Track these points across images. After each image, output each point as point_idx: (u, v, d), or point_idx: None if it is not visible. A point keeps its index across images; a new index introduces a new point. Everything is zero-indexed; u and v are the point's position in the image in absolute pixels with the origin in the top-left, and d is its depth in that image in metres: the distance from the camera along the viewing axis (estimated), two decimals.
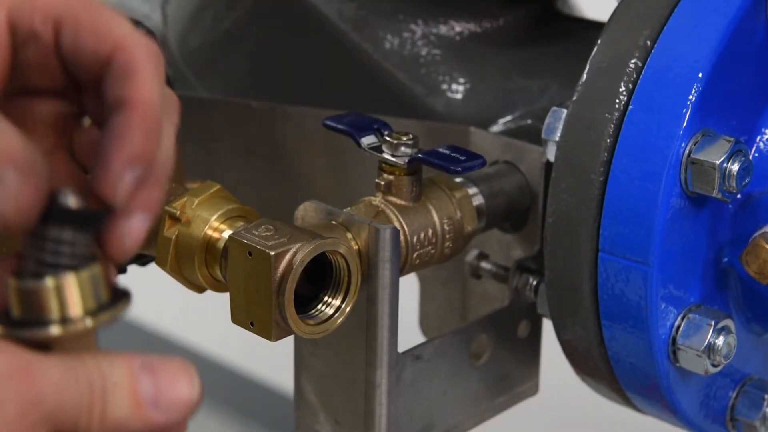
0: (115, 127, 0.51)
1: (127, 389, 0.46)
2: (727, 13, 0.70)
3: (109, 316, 0.49)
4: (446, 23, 0.92)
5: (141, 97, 0.52)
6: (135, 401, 0.46)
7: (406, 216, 0.75)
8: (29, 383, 0.44)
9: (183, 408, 0.47)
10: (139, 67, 0.53)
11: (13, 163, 0.48)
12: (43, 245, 0.50)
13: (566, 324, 0.76)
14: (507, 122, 0.89)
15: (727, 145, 0.68)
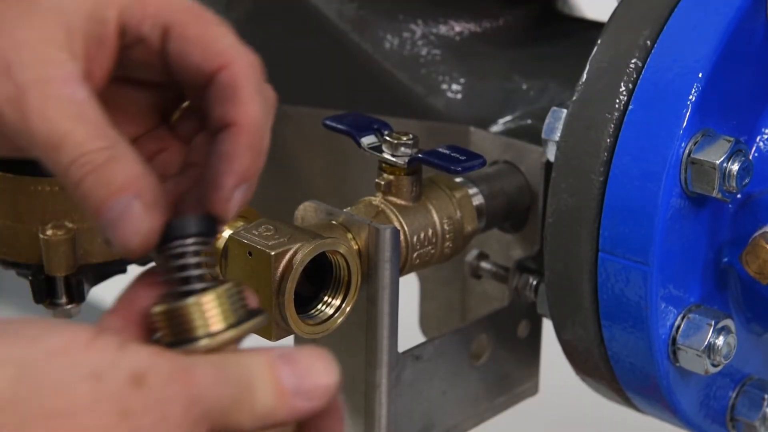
0: (224, 148, 0.54)
1: (270, 381, 0.49)
2: (727, 13, 0.70)
3: (250, 325, 0.52)
4: (446, 23, 0.92)
5: (247, 119, 0.55)
6: (279, 391, 0.49)
7: (406, 216, 0.75)
8: (190, 382, 0.47)
9: (324, 392, 0.50)
10: (244, 88, 0.55)
11: (137, 194, 0.51)
12: (171, 264, 0.53)
13: (566, 324, 0.76)
14: (507, 122, 0.89)
15: (727, 145, 0.68)
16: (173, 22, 0.55)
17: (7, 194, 0.79)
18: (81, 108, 0.52)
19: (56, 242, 0.78)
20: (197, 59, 0.55)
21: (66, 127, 0.51)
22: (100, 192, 0.51)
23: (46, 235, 0.78)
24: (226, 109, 0.55)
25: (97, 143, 0.51)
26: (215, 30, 0.55)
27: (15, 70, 0.51)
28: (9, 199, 0.79)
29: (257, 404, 0.49)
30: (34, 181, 0.78)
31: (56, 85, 0.51)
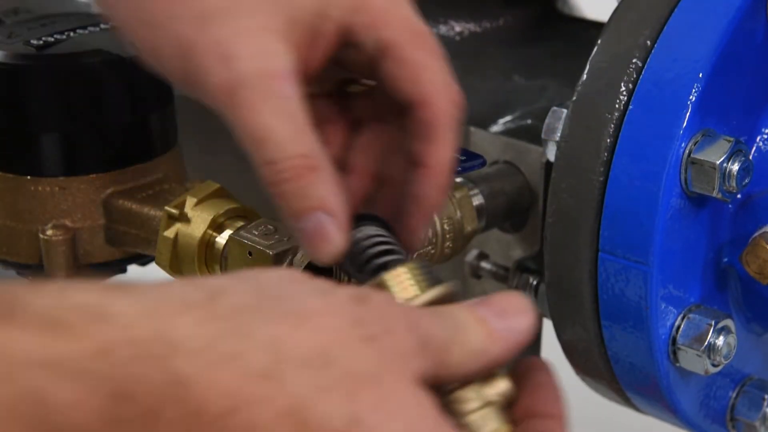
0: (415, 190, 0.59)
1: (477, 321, 0.51)
2: (727, 14, 0.70)
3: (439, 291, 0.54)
4: (446, 23, 0.92)
5: (439, 163, 0.59)
6: (487, 330, 0.51)
7: None
8: (408, 310, 0.50)
9: (526, 324, 0.53)
10: (441, 131, 0.58)
11: (332, 213, 0.55)
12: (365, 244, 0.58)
13: (566, 324, 0.76)
14: (507, 122, 0.89)
15: (727, 145, 0.68)
16: (395, 41, 0.57)
17: (7, 194, 0.79)
18: (290, 107, 0.54)
19: (56, 242, 0.78)
20: (405, 86, 0.58)
21: (272, 124, 0.54)
22: (297, 203, 0.55)
23: (46, 235, 0.78)
24: (422, 148, 0.59)
25: (299, 148, 0.54)
26: (431, 61, 0.58)
27: (235, 60, 0.53)
28: (9, 199, 0.79)
29: (471, 342, 0.51)
30: (34, 181, 0.78)
31: (271, 81, 0.54)
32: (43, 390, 0.41)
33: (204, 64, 0.55)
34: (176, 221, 0.74)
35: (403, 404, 0.46)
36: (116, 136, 0.79)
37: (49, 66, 0.77)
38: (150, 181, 0.81)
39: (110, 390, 0.42)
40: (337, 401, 0.45)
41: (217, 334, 0.44)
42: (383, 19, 0.57)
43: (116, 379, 0.42)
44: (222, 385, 0.44)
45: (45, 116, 0.77)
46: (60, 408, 0.41)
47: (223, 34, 0.54)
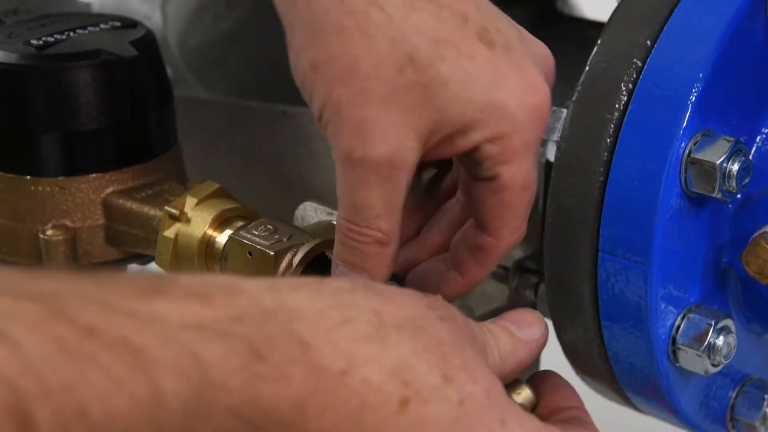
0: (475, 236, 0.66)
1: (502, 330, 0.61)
2: (727, 13, 0.69)
3: None
4: None
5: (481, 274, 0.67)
6: (510, 335, 0.61)
7: None
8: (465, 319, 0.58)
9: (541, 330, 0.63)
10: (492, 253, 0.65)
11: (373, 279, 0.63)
12: None
13: (566, 324, 0.76)
14: None
15: (727, 145, 0.68)
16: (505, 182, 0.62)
17: (7, 194, 0.79)
18: (396, 194, 0.61)
19: (56, 242, 0.78)
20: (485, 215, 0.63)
21: (374, 202, 0.61)
22: (356, 259, 0.62)
23: (46, 235, 0.78)
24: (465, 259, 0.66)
25: (384, 226, 0.61)
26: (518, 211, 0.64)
27: (373, 146, 0.59)
28: (9, 199, 0.79)
29: (501, 345, 0.60)
30: (34, 181, 0.78)
31: (392, 170, 0.60)
32: (197, 348, 0.47)
33: (344, 132, 0.60)
34: (176, 221, 0.74)
35: (482, 369, 0.55)
36: (116, 136, 0.79)
37: (49, 66, 0.77)
38: (150, 181, 0.81)
39: (247, 348, 0.48)
40: (432, 362, 0.53)
41: (327, 306, 0.52)
42: (509, 159, 0.62)
43: (251, 340, 0.48)
44: (338, 347, 0.51)
45: (45, 116, 0.77)
46: (211, 364, 0.47)
47: (373, 117, 0.59)
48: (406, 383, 0.52)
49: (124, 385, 0.45)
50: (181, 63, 1.03)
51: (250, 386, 0.48)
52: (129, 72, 0.79)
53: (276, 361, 0.49)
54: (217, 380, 0.47)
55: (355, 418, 0.51)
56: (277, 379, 0.49)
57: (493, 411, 0.54)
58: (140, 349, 0.46)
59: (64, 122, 0.78)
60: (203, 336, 0.48)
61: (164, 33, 1.04)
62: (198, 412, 0.47)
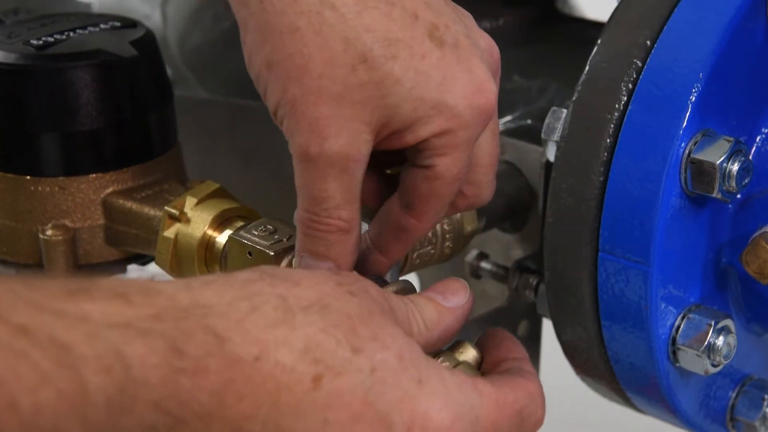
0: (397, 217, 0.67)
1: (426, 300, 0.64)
2: (727, 14, 0.70)
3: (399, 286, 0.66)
4: None
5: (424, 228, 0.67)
6: (435, 304, 0.64)
7: None
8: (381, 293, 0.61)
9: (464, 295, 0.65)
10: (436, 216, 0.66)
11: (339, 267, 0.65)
12: None
13: (566, 324, 0.76)
14: (507, 122, 0.89)
15: (726, 145, 0.68)
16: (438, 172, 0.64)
17: (7, 194, 0.79)
18: (353, 184, 0.63)
19: (56, 242, 0.78)
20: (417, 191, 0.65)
21: (333, 193, 0.63)
22: (320, 248, 0.64)
23: (46, 235, 0.78)
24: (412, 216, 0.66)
25: (343, 214, 0.63)
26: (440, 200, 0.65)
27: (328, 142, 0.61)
28: (9, 199, 0.79)
29: (425, 314, 0.63)
30: (34, 181, 0.78)
31: (348, 162, 0.62)
32: (121, 346, 0.50)
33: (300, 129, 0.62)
34: (176, 221, 0.74)
35: (393, 336, 0.57)
36: (116, 136, 0.79)
37: (49, 66, 0.77)
38: (150, 181, 0.81)
39: (167, 345, 0.51)
40: (341, 336, 0.55)
41: (236, 297, 0.55)
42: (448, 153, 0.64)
43: (170, 337, 0.51)
44: (250, 335, 0.53)
45: (45, 116, 0.77)
46: (134, 361, 0.50)
47: (327, 115, 0.61)
48: (316, 360, 0.54)
49: (51, 379, 0.48)
50: (181, 63, 1.03)
51: (170, 380, 0.51)
52: (129, 72, 0.79)
53: (194, 356, 0.52)
54: (138, 376, 0.50)
55: (272, 400, 0.53)
56: (196, 372, 0.51)
57: (408, 373, 0.56)
58: (68, 347, 0.49)
59: (64, 122, 0.78)
60: (126, 334, 0.51)
61: (164, 33, 1.04)
62: (121, 407, 0.50)
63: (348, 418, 0.55)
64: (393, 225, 0.67)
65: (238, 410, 0.53)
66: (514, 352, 0.67)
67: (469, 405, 0.59)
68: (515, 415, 0.61)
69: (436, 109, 0.62)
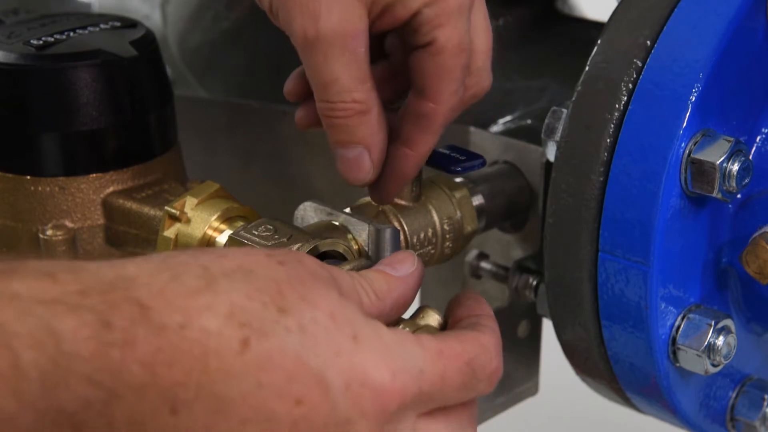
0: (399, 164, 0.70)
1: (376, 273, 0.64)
2: (727, 14, 0.70)
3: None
4: None
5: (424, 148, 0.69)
6: (384, 275, 0.64)
7: (406, 216, 0.75)
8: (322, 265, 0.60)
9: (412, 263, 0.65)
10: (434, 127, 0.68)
11: (370, 149, 0.67)
12: None
13: (566, 324, 0.76)
14: (507, 122, 0.89)
15: (727, 145, 0.68)
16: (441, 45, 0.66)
17: (7, 194, 0.79)
18: (358, 61, 0.64)
19: (56, 242, 0.78)
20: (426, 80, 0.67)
21: (339, 74, 0.64)
22: (344, 135, 0.66)
23: (46, 235, 0.78)
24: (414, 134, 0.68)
25: (357, 95, 0.65)
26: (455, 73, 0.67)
27: (321, 20, 0.63)
28: (9, 199, 0.79)
29: (374, 285, 0.62)
30: (34, 181, 0.78)
31: (347, 39, 0.64)
32: (51, 321, 0.51)
33: (294, 15, 0.64)
34: (176, 221, 0.74)
35: (323, 296, 0.56)
36: (116, 136, 0.79)
37: (49, 66, 0.77)
38: (150, 181, 0.80)
39: (96, 318, 0.51)
40: (267, 299, 0.55)
41: (157, 268, 0.55)
42: (445, 22, 0.66)
43: (98, 310, 0.52)
44: (172, 304, 0.53)
45: (45, 116, 0.77)
46: (65, 336, 0.51)
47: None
48: (242, 324, 0.54)
49: None
50: (181, 63, 1.03)
51: (101, 353, 0.51)
52: (129, 72, 0.79)
53: (122, 327, 0.52)
54: (70, 350, 0.51)
55: (202, 366, 0.52)
56: (125, 343, 0.52)
57: (341, 331, 0.55)
58: (1, 325, 0.50)
59: (64, 122, 0.78)
60: (56, 310, 0.51)
61: (164, 33, 1.04)
62: (55, 381, 0.50)
63: (282, 379, 0.53)
64: (413, 115, 0.68)
65: (170, 378, 0.52)
66: (476, 310, 0.66)
67: (411, 359, 0.57)
68: (465, 365, 0.60)
69: None
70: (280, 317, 0.54)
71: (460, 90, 0.68)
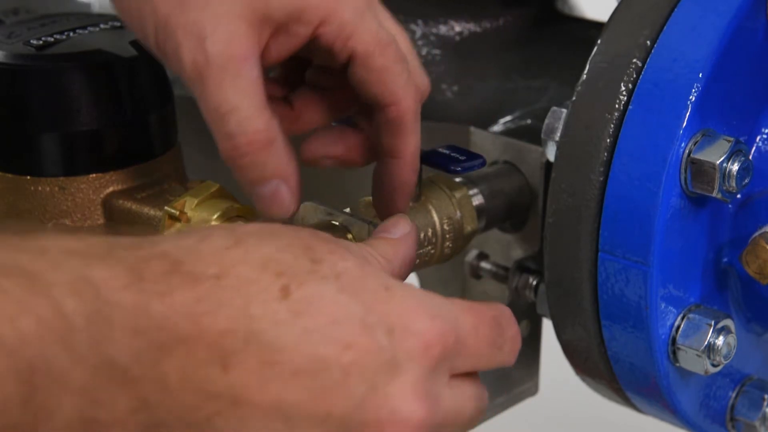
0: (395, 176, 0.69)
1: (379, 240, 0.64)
2: (727, 14, 0.70)
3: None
4: (446, 23, 0.93)
5: (411, 151, 0.68)
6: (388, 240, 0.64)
7: None
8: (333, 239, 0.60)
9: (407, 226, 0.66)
10: (409, 126, 0.67)
11: (285, 179, 0.64)
12: None
13: (566, 324, 0.76)
14: (507, 122, 0.89)
15: (726, 145, 0.68)
16: (362, 50, 0.64)
17: (7, 194, 0.79)
18: (251, 86, 0.62)
19: None
20: (373, 89, 0.66)
21: (235, 101, 0.62)
22: (256, 173, 0.64)
23: None
24: (394, 142, 0.68)
25: (258, 124, 0.62)
26: (394, 66, 0.65)
27: (207, 41, 0.61)
28: (9, 199, 0.79)
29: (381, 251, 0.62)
30: (34, 181, 0.78)
31: (237, 62, 0.61)
32: (85, 271, 0.50)
33: (180, 42, 0.62)
34: (176, 221, 0.74)
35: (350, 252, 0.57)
36: (116, 136, 0.79)
37: (49, 66, 0.77)
38: (150, 181, 0.80)
39: (127, 269, 0.51)
40: (297, 252, 0.55)
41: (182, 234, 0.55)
42: (351, 31, 0.64)
43: (129, 262, 0.51)
44: (205, 257, 0.53)
45: (45, 116, 0.77)
46: (101, 283, 0.50)
47: (199, 17, 0.61)
48: (278, 273, 0.53)
49: (28, 306, 0.47)
50: None
51: (141, 303, 0.50)
52: (129, 72, 0.79)
53: (155, 279, 0.51)
54: (109, 298, 0.49)
55: (246, 313, 0.52)
56: (162, 293, 0.51)
57: (374, 279, 0.56)
58: (36, 274, 0.48)
59: (64, 122, 0.78)
60: (86, 261, 0.50)
61: None
62: (102, 333, 0.49)
63: (327, 324, 0.53)
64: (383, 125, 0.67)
65: (216, 328, 0.51)
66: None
67: (445, 307, 0.57)
68: (493, 320, 0.60)
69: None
70: (314, 266, 0.54)
71: (410, 79, 0.66)
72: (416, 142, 0.68)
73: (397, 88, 0.66)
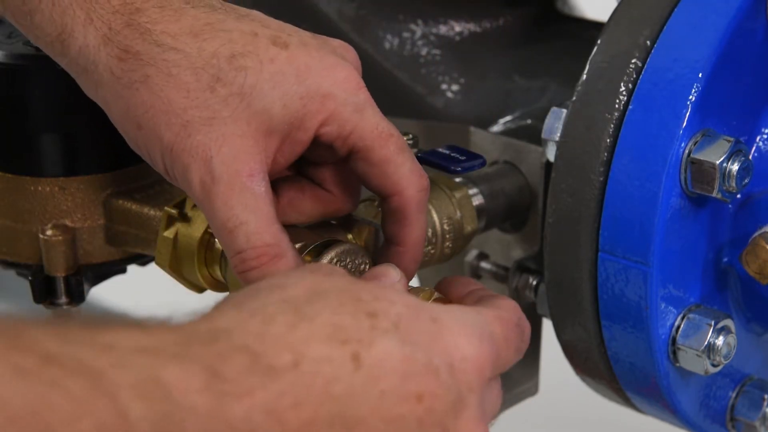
0: (393, 258, 0.68)
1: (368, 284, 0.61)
2: (727, 14, 0.70)
3: None
4: (446, 23, 0.93)
5: (413, 241, 0.68)
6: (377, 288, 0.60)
7: None
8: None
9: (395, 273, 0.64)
10: (412, 216, 0.67)
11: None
12: None
13: (566, 324, 0.76)
14: (507, 122, 0.89)
15: (726, 145, 0.68)
16: (363, 146, 0.65)
17: (7, 194, 0.79)
18: (259, 201, 0.62)
19: (56, 242, 0.78)
20: (376, 181, 0.66)
21: (242, 217, 0.62)
22: None
23: (46, 235, 0.78)
24: (397, 231, 0.68)
25: (266, 238, 0.63)
26: (397, 157, 0.66)
27: (213, 161, 0.62)
28: (9, 199, 0.79)
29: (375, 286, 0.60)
30: (34, 181, 0.78)
31: (243, 179, 0.62)
32: (155, 371, 0.48)
33: (187, 164, 0.63)
34: (176, 221, 0.74)
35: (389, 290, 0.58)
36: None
37: (49, 66, 0.77)
38: (150, 181, 0.80)
39: (204, 368, 0.49)
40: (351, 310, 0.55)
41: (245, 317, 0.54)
42: (351, 128, 0.65)
43: (205, 360, 0.50)
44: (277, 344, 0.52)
45: (45, 116, 0.77)
46: (173, 385, 0.47)
47: (204, 139, 0.63)
48: (344, 341, 0.53)
49: (89, 409, 0.45)
50: None
51: (218, 405, 0.49)
52: None
53: (234, 377, 0.50)
54: (182, 401, 0.48)
55: (328, 396, 0.52)
56: (242, 394, 0.50)
57: (422, 316, 0.56)
58: (100, 373, 0.46)
59: (64, 122, 0.78)
60: (158, 359, 0.48)
61: None
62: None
63: (399, 381, 0.54)
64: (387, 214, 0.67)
65: (300, 420, 0.51)
66: (472, 285, 0.68)
67: (480, 325, 0.59)
68: (516, 327, 0.62)
69: (305, 98, 0.64)
70: (372, 321, 0.55)
71: (413, 168, 0.66)
72: (419, 232, 0.68)
73: (399, 179, 0.66)
